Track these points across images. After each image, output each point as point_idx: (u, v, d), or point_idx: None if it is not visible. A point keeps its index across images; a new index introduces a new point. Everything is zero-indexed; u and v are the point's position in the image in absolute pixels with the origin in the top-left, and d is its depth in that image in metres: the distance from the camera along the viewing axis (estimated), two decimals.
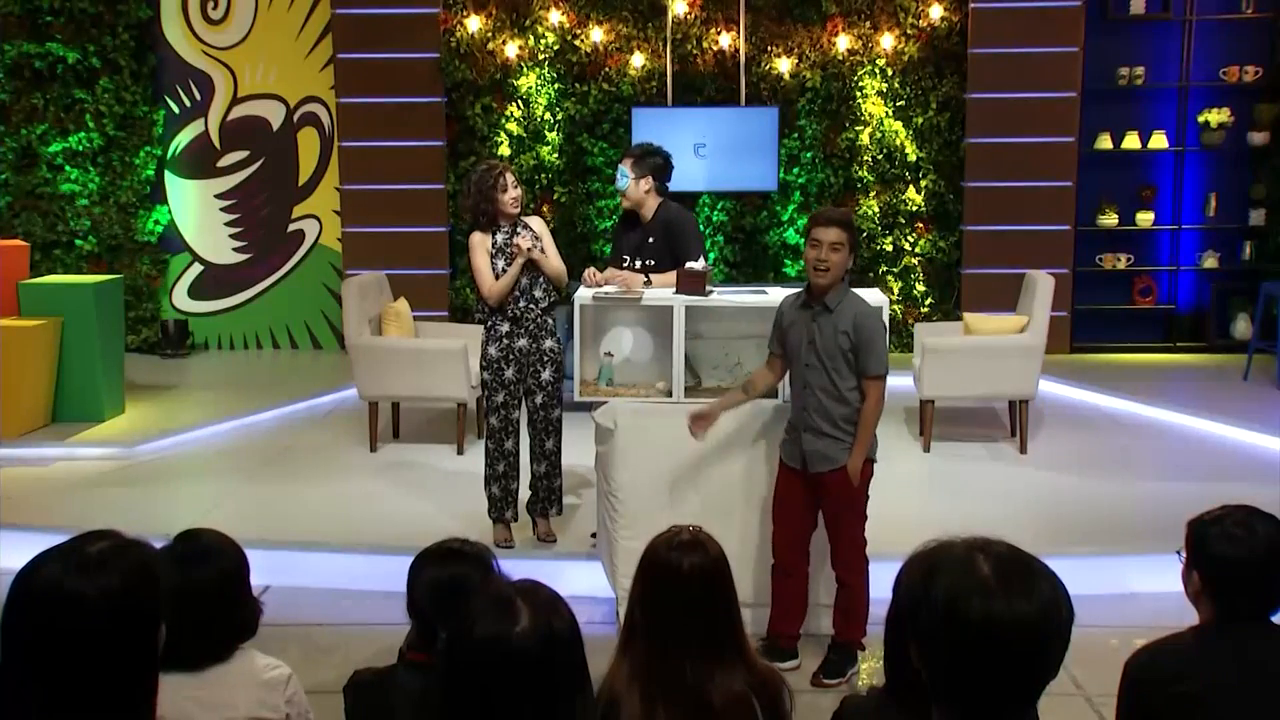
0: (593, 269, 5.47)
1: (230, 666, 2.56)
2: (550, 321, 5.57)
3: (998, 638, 1.63)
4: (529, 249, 5.39)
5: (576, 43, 9.98)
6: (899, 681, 1.86)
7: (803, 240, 10.04)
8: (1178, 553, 2.59)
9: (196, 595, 2.47)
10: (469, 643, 1.77)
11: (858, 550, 4.49)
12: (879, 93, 9.99)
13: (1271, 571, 2.47)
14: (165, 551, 2.55)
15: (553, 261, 5.52)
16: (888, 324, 4.86)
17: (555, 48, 10.02)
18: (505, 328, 5.49)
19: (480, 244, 5.47)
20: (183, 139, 10.53)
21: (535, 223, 5.60)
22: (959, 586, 1.65)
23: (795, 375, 4.45)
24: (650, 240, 5.58)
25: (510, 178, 5.47)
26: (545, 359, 5.53)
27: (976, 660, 1.65)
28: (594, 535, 5.59)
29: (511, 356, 5.49)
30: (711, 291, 4.95)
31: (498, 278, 5.43)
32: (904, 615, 1.75)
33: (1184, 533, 2.60)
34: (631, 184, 5.53)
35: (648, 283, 5.23)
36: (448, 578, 2.64)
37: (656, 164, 5.58)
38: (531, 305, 5.48)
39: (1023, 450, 7.20)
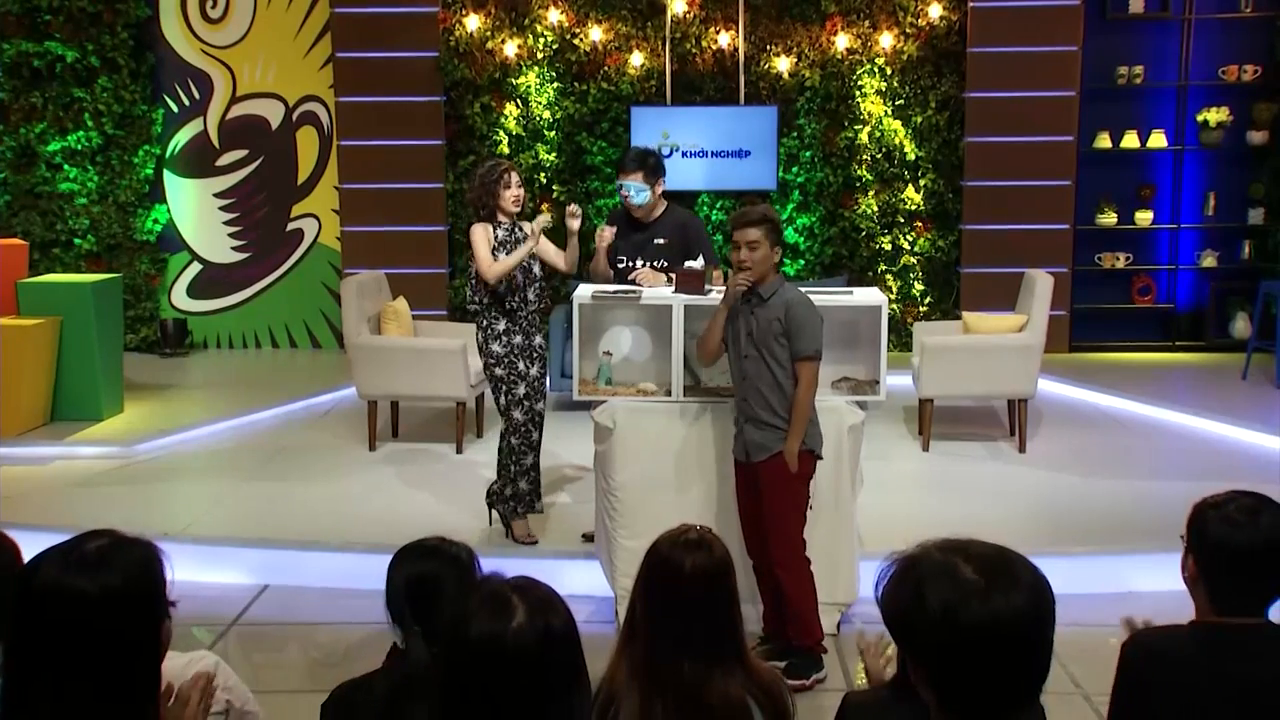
0: (602, 229, 5.52)
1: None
2: (538, 319, 5.66)
3: (1000, 635, 1.63)
4: (538, 235, 5.43)
5: (575, 42, 9.98)
6: (905, 678, 1.85)
7: (802, 239, 10.10)
8: (1181, 536, 2.56)
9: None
10: (465, 641, 1.77)
11: (794, 551, 4.44)
12: (878, 92, 9.99)
13: (1269, 564, 2.38)
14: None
15: (553, 254, 5.61)
16: (886, 323, 4.87)
17: (554, 47, 10.02)
18: (502, 325, 5.50)
19: (482, 233, 5.50)
20: (181, 138, 10.53)
21: (532, 227, 5.59)
22: (951, 595, 1.65)
23: (735, 369, 4.50)
24: (659, 241, 5.55)
25: (515, 177, 5.54)
26: (535, 355, 5.59)
27: (983, 661, 1.65)
28: (585, 536, 5.58)
29: (516, 352, 5.52)
30: (710, 290, 4.95)
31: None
32: (897, 633, 1.74)
33: (1187, 519, 2.58)
34: (649, 195, 5.54)
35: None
36: (421, 575, 2.63)
37: (658, 165, 5.59)
38: (523, 304, 5.53)
39: (1021, 449, 7.20)
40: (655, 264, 5.50)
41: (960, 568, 1.67)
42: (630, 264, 5.56)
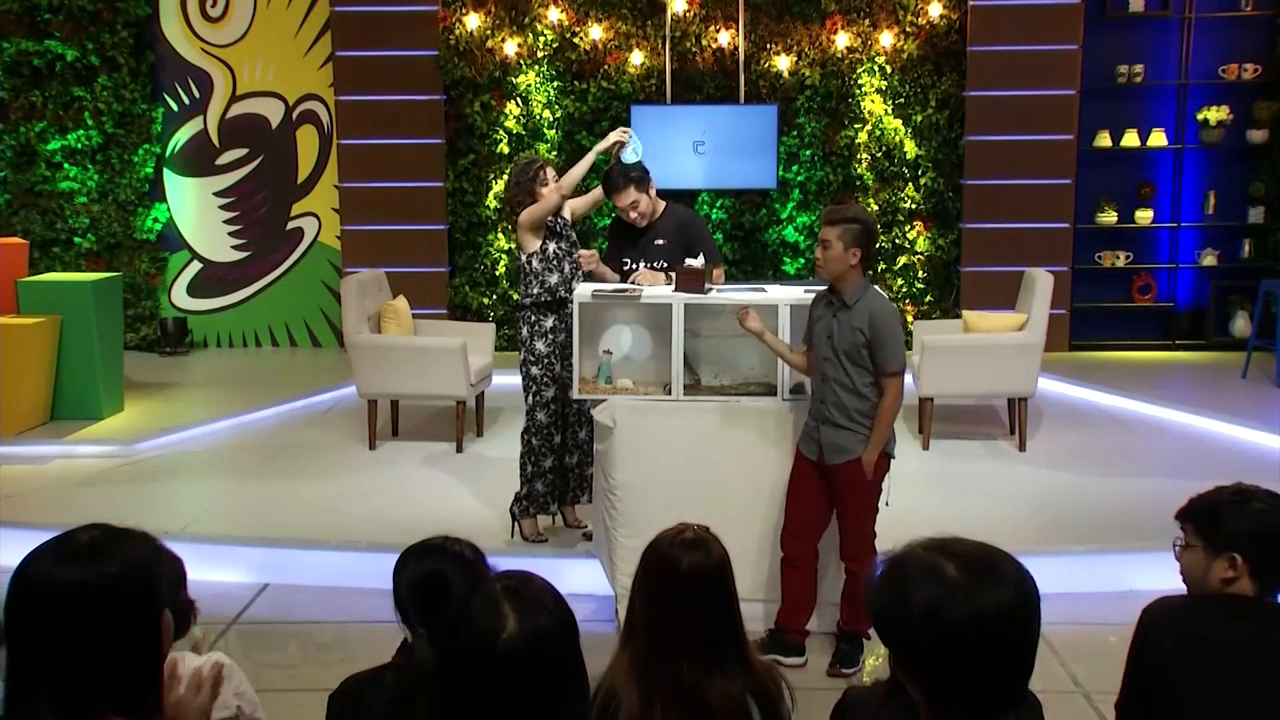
0: (589, 252, 5.52)
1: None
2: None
3: (984, 633, 1.63)
4: (619, 140, 5.66)
5: (575, 40, 9.98)
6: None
7: (802, 238, 10.12)
8: (1177, 541, 2.57)
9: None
10: (457, 648, 1.77)
11: (867, 543, 4.52)
12: (878, 90, 9.99)
13: None
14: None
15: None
16: None
17: (554, 45, 10.01)
18: (549, 322, 5.52)
19: (528, 212, 5.55)
20: (181, 137, 10.53)
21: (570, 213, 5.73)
22: (934, 594, 1.65)
23: (816, 370, 4.53)
24: (658, 242, 5.53)
25: (551, 173, 5.61)
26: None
27: (968, 659, 1.65)
28: (584, 534, 5.60)
29: (558, 352, 5.53)
30: (711, 289, 4.95)
31: (550, 260, 5.50)
32: (883, 632, 1.74)
33: (1180, 527, 2.58)
34: (647, 202, 5.55)
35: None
36: (425, 575, 2.64)
37: (644, 173, 5.57)
38: (569, 298, 5.52)
39: (1022, 448, 7.20)
40: (655, 264, 5.49)
41: (943, 566, 1.67)
42: (634, 265, 5.56)
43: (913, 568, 1.70)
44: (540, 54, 10.03)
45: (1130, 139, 10.00)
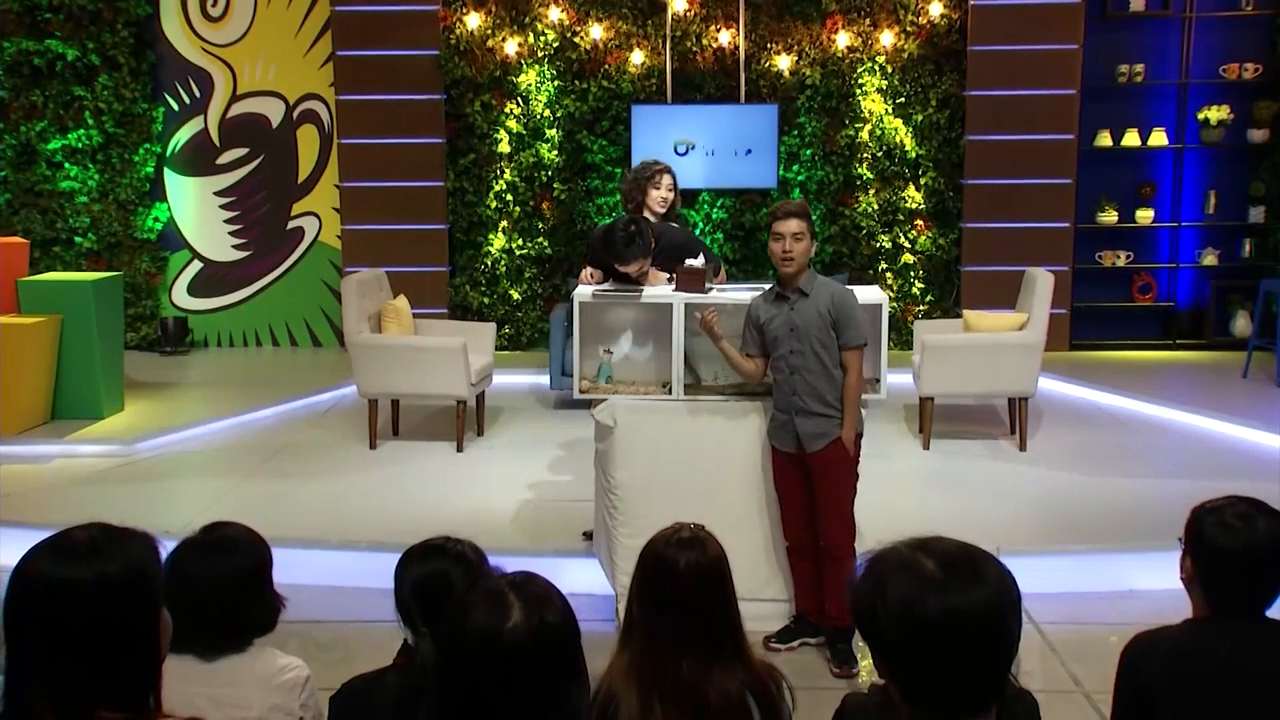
0: (590, 269, 5.44)
1: (247, 665, 2.57)
2: None
3: (962, 629, 1.63)
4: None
5: (576, 40, 9.98)
6: None
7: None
8: (1179, 539, 2.58)
9: (210, 586, 2.58)
10: (461, 637, 1.78)
11: (849, 525, 4.57)
12: (878, 90, 9.99)
13: (1266, 568, 2.44)
14: (188, 540, 2.66)
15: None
16: (886, 321, 4.89)
17: (555, 45, 10.01)
18: None
19: None
20: (182, 136, 10.53)
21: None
22: (910, 589, 1.65)
23: (779, 364, 4.56)
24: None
25: (668, 179, 5.67)
26: None
27: (941, 656, 1.65)
28: (585, 534, 5.60)
29: None
30: (711, 289, 4.95)
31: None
32: (862, 627, 1.74)
33: (1185, 522, 2.60)
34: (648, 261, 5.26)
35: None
36: (429, 576, 2.64)
37: (648, 237, 5.10)
38: None
39: (1022, 448, 7.20)
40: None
41: (922, 563, 1.67)
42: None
43: (892, 563, 1.70)
44: (541, 53, 10.03)
45: (1131, 138, 10.00)
